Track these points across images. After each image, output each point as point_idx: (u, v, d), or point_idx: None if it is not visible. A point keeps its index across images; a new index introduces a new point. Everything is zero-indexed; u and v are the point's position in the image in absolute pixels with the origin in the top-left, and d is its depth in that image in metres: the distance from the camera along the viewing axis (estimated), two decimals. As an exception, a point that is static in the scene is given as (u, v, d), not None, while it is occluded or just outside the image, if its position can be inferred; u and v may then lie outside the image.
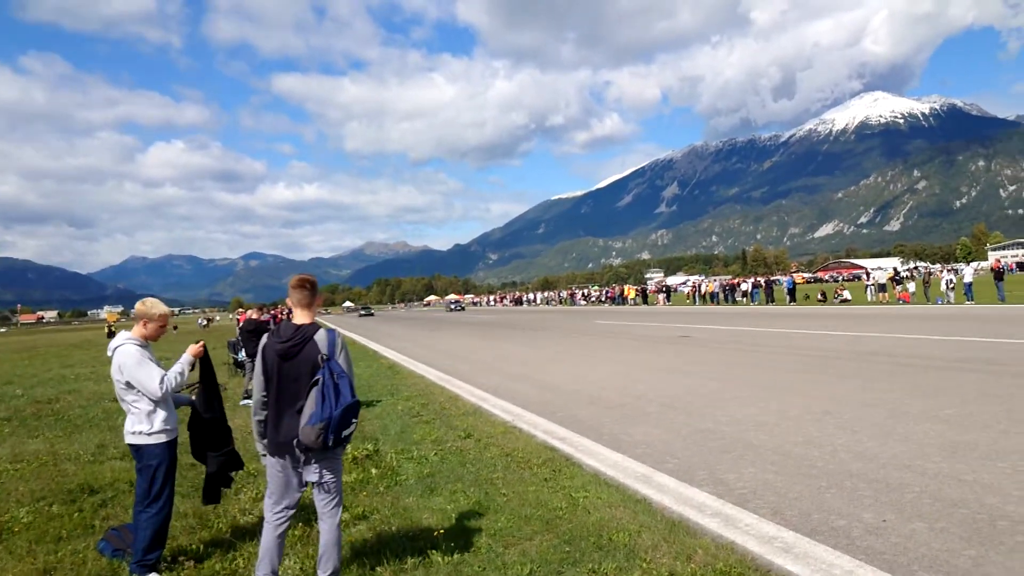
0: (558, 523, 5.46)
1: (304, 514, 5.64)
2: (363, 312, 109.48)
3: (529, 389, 13.19)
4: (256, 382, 4.34)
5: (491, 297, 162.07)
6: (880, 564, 4.42)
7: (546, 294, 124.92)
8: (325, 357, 4.15)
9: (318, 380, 4.07)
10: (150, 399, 4.89)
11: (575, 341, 24.48)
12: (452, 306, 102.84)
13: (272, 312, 27.39)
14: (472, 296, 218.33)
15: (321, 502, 4.30)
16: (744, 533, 5.06)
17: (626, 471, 6.94)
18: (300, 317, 4.34)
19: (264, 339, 4.34)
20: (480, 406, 11.43)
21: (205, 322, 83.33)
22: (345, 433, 4.15)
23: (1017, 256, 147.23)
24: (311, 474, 4.23)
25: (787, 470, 6.61)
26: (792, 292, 47.02)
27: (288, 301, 4.42)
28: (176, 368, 4.98)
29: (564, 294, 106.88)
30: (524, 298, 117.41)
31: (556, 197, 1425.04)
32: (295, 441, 4.09)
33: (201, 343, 5.24)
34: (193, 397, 5.32)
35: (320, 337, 4.22)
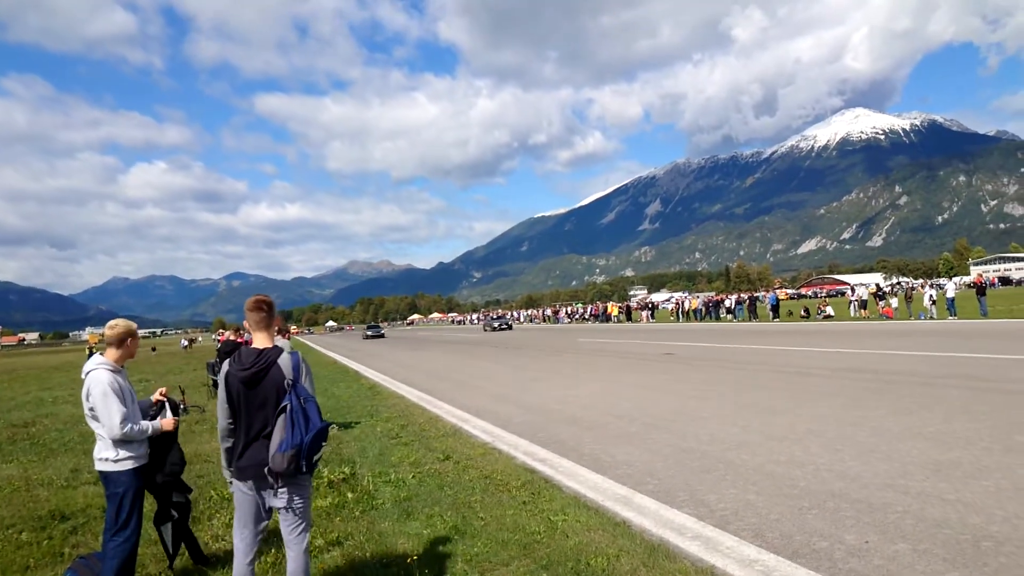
0: (535, 548, 5.36)
1: (276, 540, 5.51)
2: (371, 332, 79.42)
3: (511, 409, 13.07)
4: (220, 410, 4.18)
5: (474, 315, 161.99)
6: (862, 587, 4.36)
7: (528, 312, 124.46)
8: (291, 382, 4.04)
9: (286, 406, 3.96)
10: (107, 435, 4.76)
11: (558, 360, 24.41)
12: (497, 323, 71.57)
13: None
14: (455, 315, 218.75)
15: (287, 528, 4.16)
16: (724, 556, 4.98)
17: (606, 493, 6.86)
18: (260, 341, 4.20)
19: (224, 366, 4.18)
20: (460, 427, 11.33)
21: (187, 343, 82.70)
22: (315, 458, 4.05)
23: (999, 271, 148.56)
24: (278, 500, 4.10)
25: (769, 490, 6.54)
26: (775, 308, 47.15)
27: (246, 324, 4.27)
28: (148, 424, 4.89)
29: (548, 312, 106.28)
30: (507, 316, 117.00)
31: (539, 215, 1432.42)
32: (267, 468, 3.97)
33: (174, 420, 5.22)
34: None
35: (284, 361, 4.10)
